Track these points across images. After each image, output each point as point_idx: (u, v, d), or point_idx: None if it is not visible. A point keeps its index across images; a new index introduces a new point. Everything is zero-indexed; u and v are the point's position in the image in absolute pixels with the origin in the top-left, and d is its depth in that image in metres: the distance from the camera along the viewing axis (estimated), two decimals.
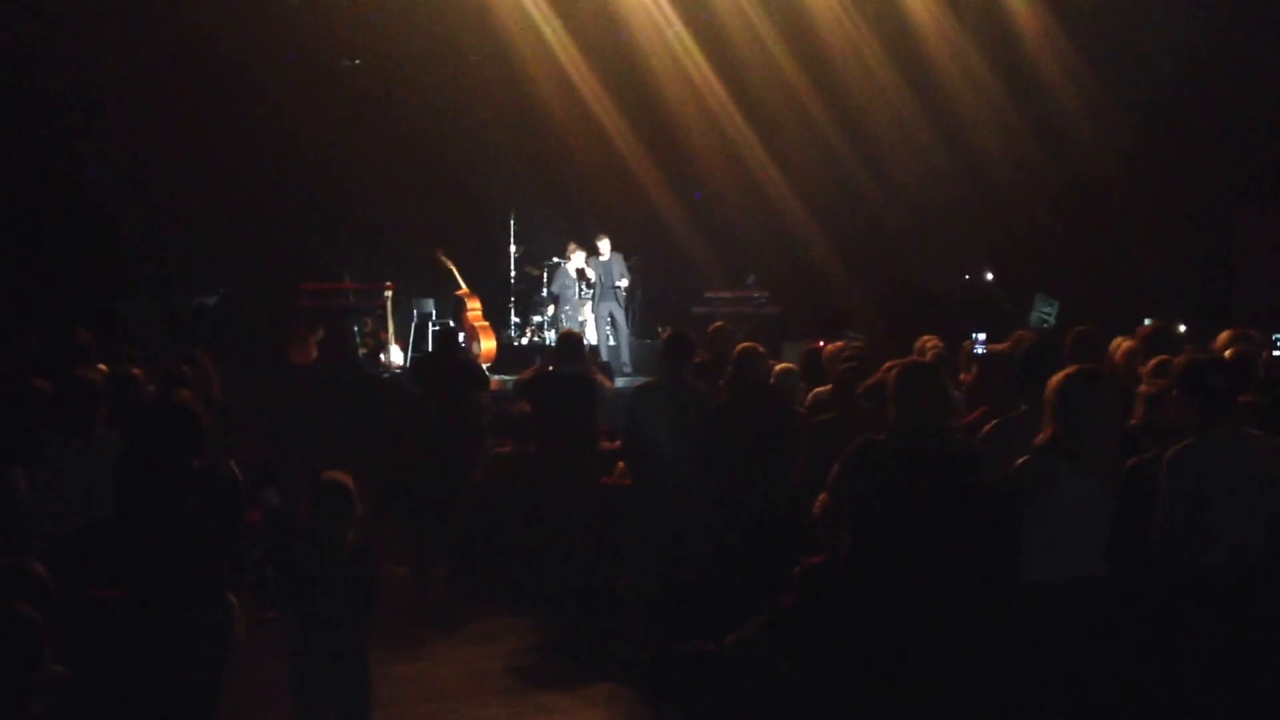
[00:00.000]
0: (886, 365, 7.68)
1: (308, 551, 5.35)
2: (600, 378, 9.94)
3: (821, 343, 11.83)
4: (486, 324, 15.48)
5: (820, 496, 5.98)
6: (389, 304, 15.51)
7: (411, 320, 16.06)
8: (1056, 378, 5.21)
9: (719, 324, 9.94)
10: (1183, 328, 10.42)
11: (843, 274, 16.79)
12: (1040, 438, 5.13)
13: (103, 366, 7.59)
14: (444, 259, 15.67)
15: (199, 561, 5.39)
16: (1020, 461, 5.11)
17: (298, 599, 5.35)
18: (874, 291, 16.42)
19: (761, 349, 7.76)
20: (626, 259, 15.70)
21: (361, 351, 15.33)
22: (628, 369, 15.19)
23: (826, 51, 16.35)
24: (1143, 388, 6.19)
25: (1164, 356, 6.47)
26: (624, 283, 15.45)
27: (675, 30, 16.62)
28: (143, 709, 5.24)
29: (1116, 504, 5.14)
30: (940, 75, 16.22)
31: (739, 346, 7.69)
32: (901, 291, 16.52)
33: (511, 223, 16.69)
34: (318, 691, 5.37)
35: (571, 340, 9.61)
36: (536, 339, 16.31)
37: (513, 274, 16.75)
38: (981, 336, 8.72)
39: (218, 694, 5.53)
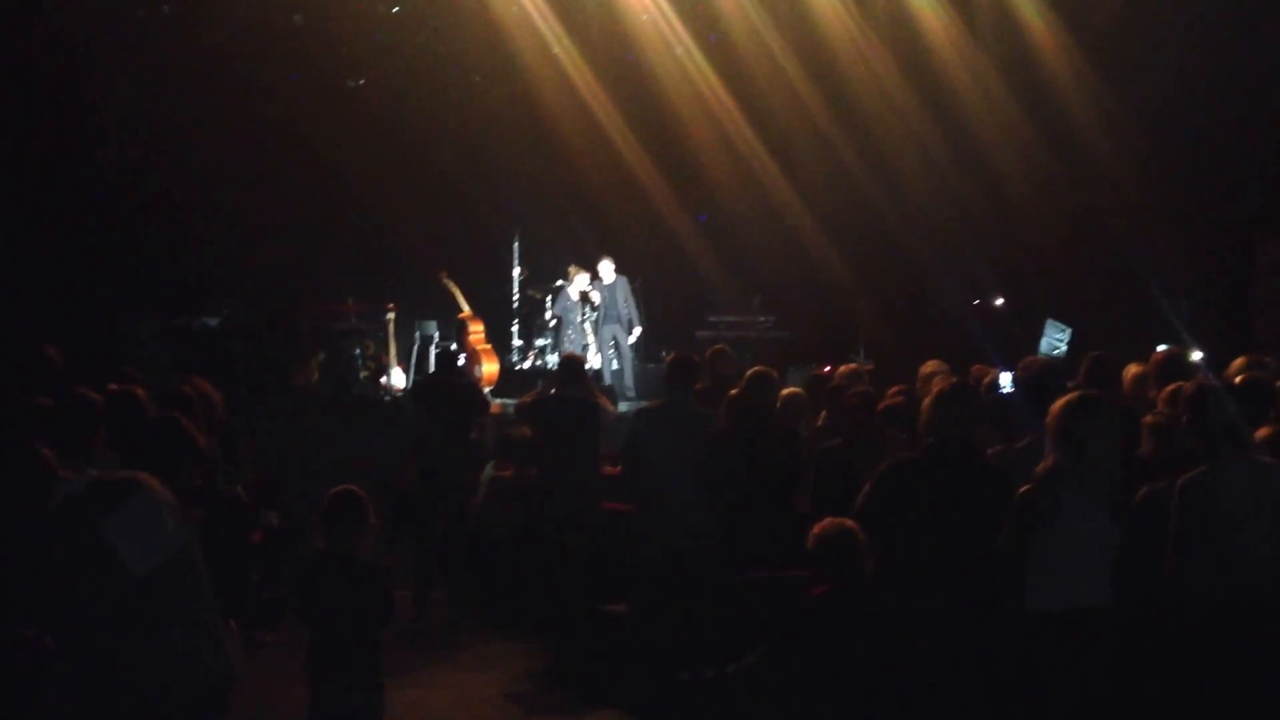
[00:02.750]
0: (893, 390, 7.65)
1: (322, 564, 5.36)
2: (603, 401, 9.87)
3: (828, 367, 11.76)
4: (489, 347, 15.42)
5: (815, 527, 5.90)
6: (391, 326, 15.46)
7: (413, 342, 16.01)
8: (1057, 404, 5.17)
9: (719, 347, 9.84)
10: (1199, 354, 10.33)
11: (852, 296, 16.72)
12: (1043, 466, 5.07)
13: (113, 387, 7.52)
14: (447, 281, 15.62)
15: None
16: (1024, 490, 5.05)
17: (313, 613, 5.37)
18: (883, 314, 16.34)
19: (774, 374, 7.68)
20: (631, 282, 15.65)
21: (363, 374, 15.29)
22: (631, 393, 15.12)
23: (839, 69, 16.31)
24: (1149, 418, 6.11)
25: (1177, 384, 6.39)
26: (636, 332, 15.42)
27: (685, 48, 16.59)
28: None
29: (1121, 532, 5.07)
30: (955, 92, 16.16)
31: (751, 370, 7.61)
32: (911, 314, 16.44)
33: (516, 245, 16.65)
34: (334, 704, 5.36)
35: (574, 364, 9.54)
36: (539, 362, 16.23)
37: (516, 297, 16.70)
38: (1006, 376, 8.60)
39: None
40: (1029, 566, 5.08)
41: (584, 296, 15.56)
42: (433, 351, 15.58)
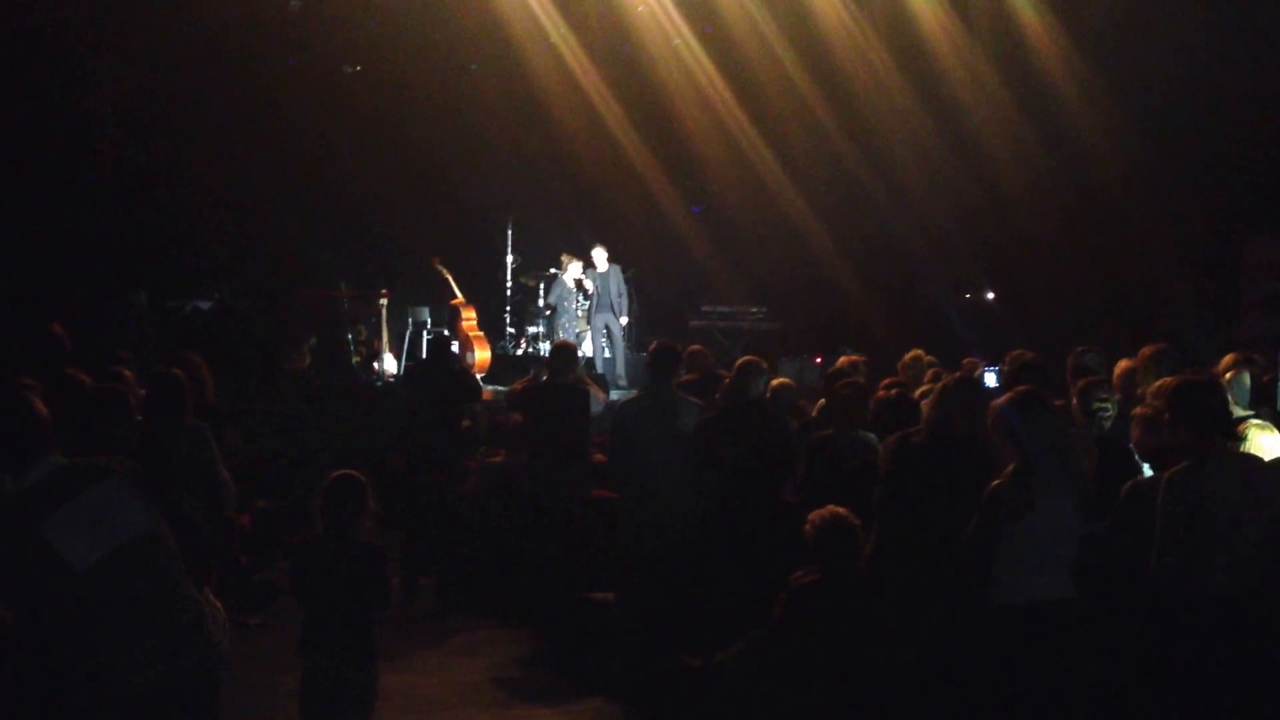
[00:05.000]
0: (885, 382, 7.67)
1: (321, 547, 5.38)
2: (594, 389, 9.88)
3: (820, 358, 11.80)
4: (481, 334, 15.44)
5: (812, 514, 5.93)
6: (384, 312, 15.47)
7: (406, 329, 16.03)
8: (994, 404, 5.19)
9: (696, 347, 9.91)
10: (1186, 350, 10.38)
11: (844, 289, 16.74)
12: (1012, 463, 5.07)
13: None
14: (440, 268, 15.63)
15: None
16: (995, 485, 5.05)
17: (311, 595, 5.39)
18: (875, 307, 16.36)
19: (763, 364, 7.68)
20: (624, 271, 15.66)
21: (355, 359, 15.30)
22: (623, 381, 15.14)
23: (835, 62, 16.31)
24: (1138, 410, 6.13)
25: (1165, 379, 6.40)
26: (623, 321, 15.39)
27: (682, 37, 16.58)
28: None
29: (1092, 525, 5.09)
30: (950, 87, 16.17)
31: (741, 359, 7.62)
32: (903, 308, 16.47)
33: (509, 232, 16.65)
34: (327, 686, 5.38)
35: (566, 351, 9.54)
36: (531, 350, 16.26)
37: (509, 284, 16.71)
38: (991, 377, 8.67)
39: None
40: (994, 560, 5.09)
41: (578, 284, 15.57)
42: (425, 338, 15.58)
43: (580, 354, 12.89)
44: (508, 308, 16.76)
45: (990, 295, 17.65)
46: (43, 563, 4.02)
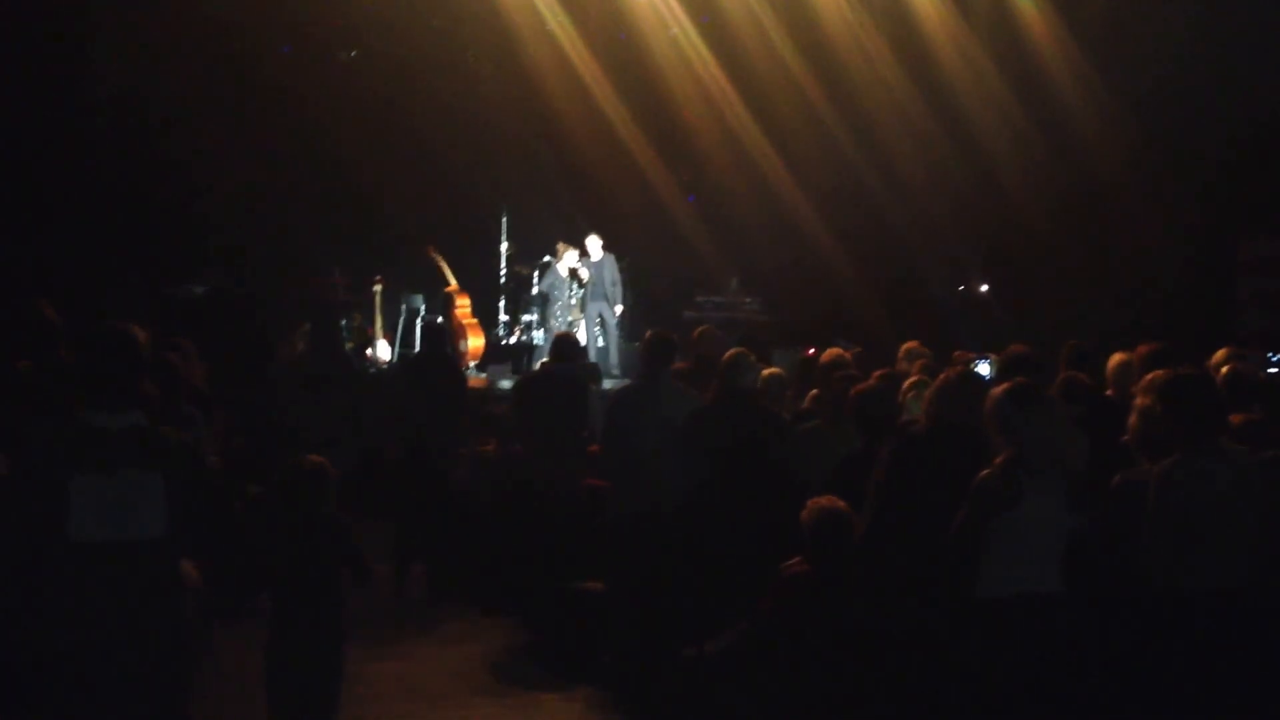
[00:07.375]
0: (877, 374, 7.67)
1: (281, 530, 5.39)
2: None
3: (812, 350, 11.77)
4: (475, 321, 15.43)
5: (810, 502, 5.93)
6: (378, 299, 15.46)
7: (400, 316, 16.01)
8: (991, 394, 5.18)
9: (705, 328, 9.81)
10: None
11: (840, 279, 16.73)
12: (1002, 455, 5.07)
13: None
14: (434, 255, 15.61)
15: None
16: (983, 475, 5.04)
17: (273, 578, 5.39)
18: (871, 298, 16.36)
19: (750, 355, 7.65)
20: (618, 260, 15.63)
21: (349, 346, 15.28)
22: (616, 371, 15.12)
23: (833, 52, 16.29)
24: (1139, 401, 6.12)
25: (1157, 372, 6.39)
26: (617, 310, 15.36)
27: (680, 26, 16.55)
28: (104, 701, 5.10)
29: (1075, 519, 5.09)
30: (948, 78, 16.15)
31: (728, 353, 7.57)
32: (898, 299, 16.47)
33: (504, 220, 16.63)
34: (292, 666, 5.37)
35: (565, 341, 9.51)
36: (525, 338, 16.26)
37: (503, 272, 16.69)
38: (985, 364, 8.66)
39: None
40: (982, 551, 5.09)
41: (572, 273, 15.54)
42: (419, 325, 15.58)
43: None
44: (502, 296, 16.75)
45: (984, 287, 17.65)
46: (50, 510, 4.01)
